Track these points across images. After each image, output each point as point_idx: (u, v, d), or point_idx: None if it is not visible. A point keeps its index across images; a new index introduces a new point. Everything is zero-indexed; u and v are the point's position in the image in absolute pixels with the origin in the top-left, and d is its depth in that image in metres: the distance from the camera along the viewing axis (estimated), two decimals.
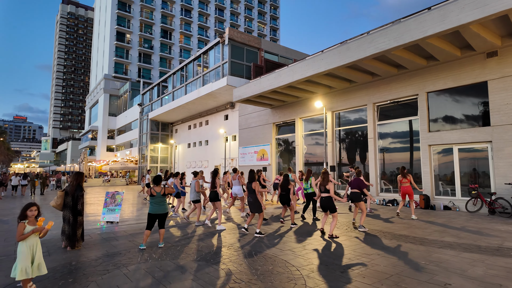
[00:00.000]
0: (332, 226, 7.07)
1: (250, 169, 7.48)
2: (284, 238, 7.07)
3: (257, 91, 16.69)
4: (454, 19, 9.16)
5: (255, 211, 7.20)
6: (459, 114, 11.87)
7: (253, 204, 7.21)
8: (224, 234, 7.57)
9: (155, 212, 6.30)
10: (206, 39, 56.93)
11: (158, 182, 6.50)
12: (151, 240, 6.90)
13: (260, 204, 7.14)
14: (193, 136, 31.89)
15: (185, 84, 27.89)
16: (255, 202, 7.17)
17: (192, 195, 9.03)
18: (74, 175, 6.42)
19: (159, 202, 6.36)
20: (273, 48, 24.47)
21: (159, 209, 6.33)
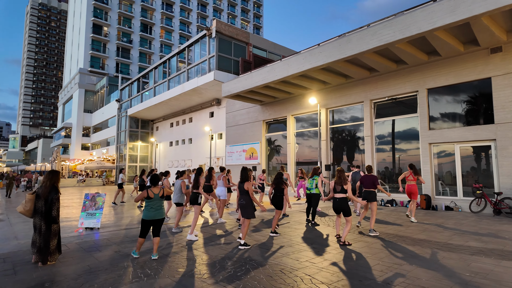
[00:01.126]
0: (346, 232, 6.30)
1: (243, 167, 6.56)
2: (297, 246, 6.25)
3: (248, 86, 15.81)
4: (466, 10, 8.69)
5: (247, 216, 6.19)
6: (461, 112, 11.53)
7: (245, 208, 6.20)
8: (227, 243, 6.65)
9: (151, 218, 5.31)
10: (188, 35, 55.33)
11: (156, 182, 5.50)
12: (143, 248, 5.89)
13: (253, 209, 6.23)
14: (175, 134, 30.54)
15: (168, 79, 26.54)
16: (247, 205, 6.19)
17: (176, 197, 7.95)
18: (48, 175, 5.30)
19: (157, 206, 5.38)
20: (262, 43, 23.66)
21: (155, 214, 5.34)
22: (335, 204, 6.54)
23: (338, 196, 6.44)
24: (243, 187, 6.29)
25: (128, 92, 34.64)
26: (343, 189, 6.41)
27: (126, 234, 7.54)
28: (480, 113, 11.08)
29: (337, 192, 6.48)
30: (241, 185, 6.35)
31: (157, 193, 5.44)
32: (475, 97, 11.20)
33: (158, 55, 51.75)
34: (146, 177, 12.62)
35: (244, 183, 6.30)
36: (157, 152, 33.48)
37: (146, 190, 5.42)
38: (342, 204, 6.39)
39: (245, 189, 6.25)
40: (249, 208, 6.18)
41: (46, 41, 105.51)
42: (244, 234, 6.14)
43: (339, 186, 6.44)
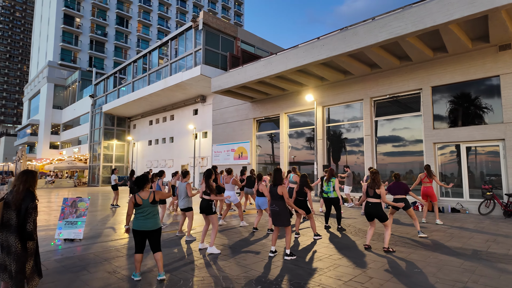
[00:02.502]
0: (387, 237, 5.69)
1: (276, 168, 5.65)
2: (329, 259, 5.35)
3: (241, 81, 14.80)
4: (486, 2, 8.20)
5: (281, 224, 5.30)
6: (467, 110, 11.17)
7: (279, 215, 5.30)
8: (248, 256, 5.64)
9: (141, 228, 4.25)
10: (166, 30, 53.27)
11: (142, 185, 4.41)
12: (149, 266, 4.76)
13: (289, 216, 5.30)
14: (155, 132, 28.88)
15: (149, 73, 24.94)
16: (282, 212, 5.30)
17: (183, 202, 6.84)
18: (21, 176, 4.04)
19: (147, 213, 4.30)
20: (250, 38, 22.71)
21: (146, 223, 4.27)
22: (368, 209, 5.80)
23: (371, 201, 5.69)
24: (276, 191, 5.36)
25: (103, 87, 32.46)
26: (376, 194, 5.65)
27: (117, 247, 6.32)
28: (488, 112, 10.76)
29: (370, 196, 5.71)
30: (274, 189, 5.40)
31: (146, 198, 4.36)
32: (483, 96, 10.87)
33: (134, 50, 49.35)
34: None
35: (277, 186, 5.37)
36: (135, 151, 31.59)
37: (133, 196, 4.35)
38: (376, 210, 5.63)
39: (279, 194, 5.33)
40: (284, 215, 5.27)
41: (9, 32, 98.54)
42: (288, 243, 5.31)
43: (372, 189, 5.67)
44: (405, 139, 12.68)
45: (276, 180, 5.44)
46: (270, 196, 5.48)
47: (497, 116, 10.48)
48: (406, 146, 12.62)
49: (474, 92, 11.05)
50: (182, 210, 6.89)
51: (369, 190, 5.72)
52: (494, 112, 10.59)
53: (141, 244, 4.26)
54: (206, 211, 5.92)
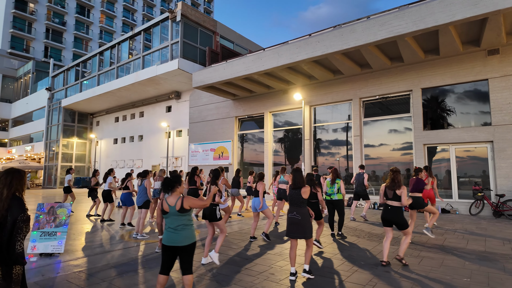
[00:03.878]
0: (404, 245, 5.06)
1: (296, 167, 4.83)
2: (350, 273, 4.82)
3: (226, 76, 13.97)
4: (489, 4, 8.27)
5: (302, 235, 4.38)
6: (457, 113, 11.38)
7: (301, 225, 4.39)
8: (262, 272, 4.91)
9: (170, 243, 3.39)
10: (132, 23, 50.43)
11: (172, 186, 3.56)
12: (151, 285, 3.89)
13: (311, 225, 4.51)
14: (122, 130, 26.90)
15: (117, 65, 23.11)
16: (304, 221, 4.42)
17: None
18: (3, 178, 3.01)
19: (177, 225, 3.43)
20: (229, 34, 21.88)
21: (177, 237, 3.39)
22: (386, 214, 5.10)
23: (391, 204, 5.08)
24: (298, 196, 4.47)
25: (62, 80, 29.67)
26: (396, 195, 5.04)
27: (108, 261, 5.29)
28: (477, 115, 11.02)
29: (389, 199, 5.15)
30: (296, 193, 4.51)
31: (173, 205, 3.50)
32: (472, 98, 11.13)
33: (97, 42, 46.05)
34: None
35: (299, 189, 4.50)
36: (98, 150, 29.22)
37: (161, 202, 3.48)
38: (397, 215, 5.01)
39: (302, 198, 4.47)
40: (307, 225, 4.41)
41: None
42: (309, 258, 4.45)
43: (391, 191, 5.13)
44: (394, 140, 12.68)
45: (297, 182, 4.57)
46: (290, 202, 4.68)
47: (485, 118, 10.76)
48: (395, 146, 12.63)
49: (463, 94, 11.29)
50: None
51: (388, 192, 5.17)
52: (482, 115, 10.86)
53: (168, 262, 3.39)
54: (210, 217, 5.12)
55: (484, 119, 10.78)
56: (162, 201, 3.44)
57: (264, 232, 6.79)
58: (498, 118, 10.36)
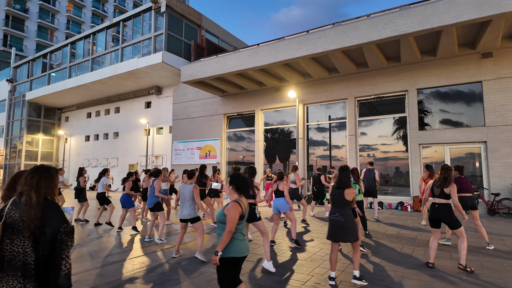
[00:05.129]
0: (463, 250, 4.65)
1: (343, 166, 4.43)
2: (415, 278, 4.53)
3: (219, 71, 13.34)
4: (495, 6, 8.42)
5: (347, 239, 4.04)
6: (451, 113, 11.63)
7: (344, 228, 4.06)
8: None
9: (245, 254, 2.90)
10: (102, 14, 47.72)
11: (247, 189, 3.05)
12: None
13: (357, 228, 4.18)
14: (95, 126, 25.19)
15: (92, 57, 21.55)
16: (349, 224, 4.06)
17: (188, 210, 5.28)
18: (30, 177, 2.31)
19: (243, 230, 2.98)
20: (214, 28, 21.15)
21: (247, 245, 2.94)
22: (434, 213, 4.85)
23: (438, 202, 4.84)
24: (342, 196, 4.12)
25: (27, 71, 27.27)
26: (443, 193, 4.81)
27: (113, 271, 4.59)
28: (471, 116, 11.31)
29: (435, 196, 4.93)
30: (339, 193, 4.15)
31: (247, 207, 3.05)
32: (466, 100, 11.41)
33: (63, 32, 43.04)
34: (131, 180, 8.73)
35: (343, 189, 4.14)
36: (67, 148, 27.19)
37: (237, 204, 2.94)
38: (446, 213, 4.77)
39: (346, 199, 4.10)
40: (351, 228, 4.06)
41: None
42: (357, 263, 4.10)
43: (438, 188, 4.91)
44: (389, 139, 12.75)
45: (342, 181, 4.23)
46: (332, 202, 4.32)
47: (479, 119, 11.06)
48: (390, 146, 12.70)
49: (458, 95, 11.55)
50: (183, 221, 5.35)
51: (435, 189, 4.97)
52: (476, 116, 11.17)
53: (234, 277, 2.86)
54: (249, 217, 4.63)
55: (478, 120, 11.09)
56: (239, 203, 2.89)
57: (293, 238, 6.23)
58: (491, 119, 10.68)
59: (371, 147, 13.05)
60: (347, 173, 4.24)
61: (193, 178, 5.30)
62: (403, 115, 12.42)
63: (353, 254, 4.16)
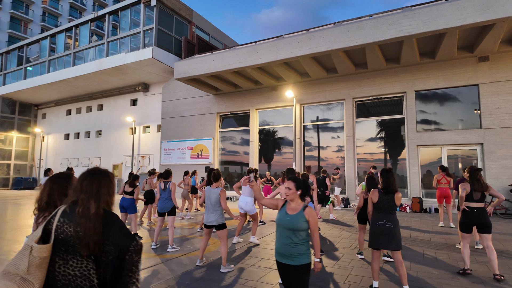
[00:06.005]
0: (496, 260, 4.45)
1: (387, 168, 4.20)
2: None
3: (216, 69, 12.89)
4: (500, 10, 8.54)
5: (394, 246, 3.82)
6: (449, 115, 11.77)
7: (392, 235, 3.83)
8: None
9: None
10: (81, 7, 45.70)
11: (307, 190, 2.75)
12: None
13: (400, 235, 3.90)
14: (75, 124, 23.94)
15: (75, 51, 20.42)
16: (396, 230, 3.86)
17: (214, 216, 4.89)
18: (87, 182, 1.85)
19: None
20: (205, 25, 20.60)
21: None
22: (473, 218, 4.62)
23: (477, 206, 4.65)
24: (391, 201, 3.90)
25: (0, 64, 25.52)
26: (483, 196, 4.66)
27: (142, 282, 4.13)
28: (468, 118, 11.49)
29: (474, 200, 4.80)
30: (388, 198, 3.92)
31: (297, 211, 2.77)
32: (464, 102, 11.58)
33: (38, 24, 40.82)
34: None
35: (392, 194, 3.93)
36: (44, 146, 25.70)
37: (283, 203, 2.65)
38: (484, 217, 4.58)
39: (396, 204, 3.90)
40: (398, 235, 3.83)
41: None
42: (405, 276, 3.80)
43: (478, 192, 4.80)
44: (386, 141, 12.79)
45: (390, 185, 3.98)
46: (377, 208, 4.02)
47: (476, 122, 11.26)
48: (387, 147, 12.74)
49: (455, 98, 11.71)
50: (207, 227, 4.94)
51: (474, 194, 4.86)
52: (473, 118, 11.36)
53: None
54: None
55: (475, 122, 11.29)
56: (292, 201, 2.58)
57: None
58: (488, 122, 10.90)
59: (368, 148, 13.03)
60: (393, 176, 4.02)
61: (219, 181, 4.90)
62: (400, 116, 12.48)
63: (400, 266, 3.84)
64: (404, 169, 12.20)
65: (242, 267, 4.96)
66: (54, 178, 2.16)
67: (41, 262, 1.63)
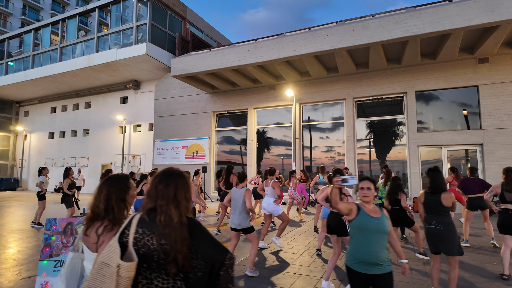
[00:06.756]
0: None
1: (433, 167, 3.91)
2: None
3: (216, 66, 12.55)
4: (505, 12, 8.63)
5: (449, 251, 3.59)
6: (449, 116, 11.88)
7: (445, 238, 3.62)
8: None
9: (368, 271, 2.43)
10: (64, 2, 44.06)
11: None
12: None
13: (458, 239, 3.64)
14: (61, 122, 22.96)
15: (62, 46, 19.55)
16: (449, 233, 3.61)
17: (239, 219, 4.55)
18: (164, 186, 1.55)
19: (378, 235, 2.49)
20: (199, 22, 20.16)
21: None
22: (508, 219, 4.56)
23: (510, 207, 4.58)
24: (439, 202, 3.67)
25: None
26: None
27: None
28: (467, 118, 11.63)
29: (507, 202, 4.72)
30: (435, 199, 3.71)
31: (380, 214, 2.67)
32: (464, 103, 11.70)
33: (18, 18, 39.07)
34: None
35: (439, 194, 3.69)
36: (26, 145, 24.53)
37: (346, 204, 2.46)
38: None
39: (444, 205, 3.65)
40: (453, 238, 3.59)
41: None
42: (453, 282, 3.61)
43: (510, 193, 4.72)
44: (385, 141, 12.80)
45: (437, 185, 3.76)
46: (426, 209, 3.83)
47: (476, 122, 11.41)
48: (387, 147, 12.75)
49: (456, 99, 11.82)
50: (234, 230, 4.66)
51: (507, 195, 4.76)
52: (473, 119, 11.51)
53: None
54: (338, 230, 4.02)
55: (475, 123, 11.43)
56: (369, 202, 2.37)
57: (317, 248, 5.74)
58: (487, 123, 11.05)
59: (366, 148, 13.02)
60: (440, 175, 3.81)
61: (244, 181, 4.62)
62: (401, 117, 12.52)
63: (450, 270, 3.64)
64: (404, 169, 12.23)
65: (268, 272, 4.70)
66: (111, 180, 1.85)
67: (128, 283, 1.34)
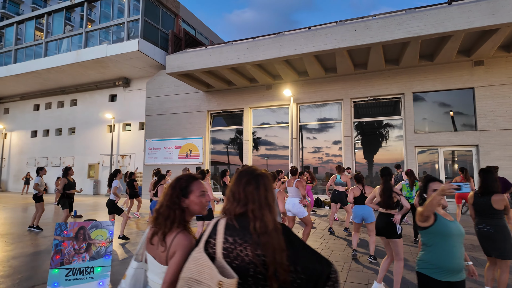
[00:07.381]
0: None
1: (486, 167, 3.74)
2: None
3: (213, 64, 12.24)
4: (506, 15, 8.77)
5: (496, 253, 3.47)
6: (445, 117, 12.03)
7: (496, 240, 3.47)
8: None
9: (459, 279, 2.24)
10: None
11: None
12: None
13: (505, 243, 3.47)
14: (44, 120, 22.01)
15: (47, 41, 18.72)
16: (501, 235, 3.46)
17: None
18: (257, 186, 1.32)
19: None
20: (192, 19, 19.75)
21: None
22: None
23: None
24: (489, 204, 3.50)
25: None
26: None
27: None
28: (464, 120, 11.80)
29: None
30: (484, 201, 3.54)
31: None
32: (460, 104, 11.87)
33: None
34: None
35: (489, 196, 3.51)
36: (6, 144, 23.38)
37: None
38: None
39: (495, 208, 3.46)
40: (505, 241, 3.43)
41: None
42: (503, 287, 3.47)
43: None
44: (382, 142, 12.85)
45: (487, 186, 3.56)
46: (476, 211, 3.68)
47: (472, 124, 11.59)
48: (383, 148, 12.81)
49: (452, 100, 11.98)
50: None
51: None
52: (469, 120, 11.69)
53: None
54: (387, 232, 3.81)
55: (471, 124, 11.61)
56: None
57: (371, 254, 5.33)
58: (483, 124, 11.25)
59: (365, 149, 13.04)
60: (492, 176, 3.61)
61: (275, 182, 4.38)
62: (398, 117, 12.59)
63: (500, 274, 3.49)
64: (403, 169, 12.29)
65: None
66: (177, 181, 1.59)
67: None
